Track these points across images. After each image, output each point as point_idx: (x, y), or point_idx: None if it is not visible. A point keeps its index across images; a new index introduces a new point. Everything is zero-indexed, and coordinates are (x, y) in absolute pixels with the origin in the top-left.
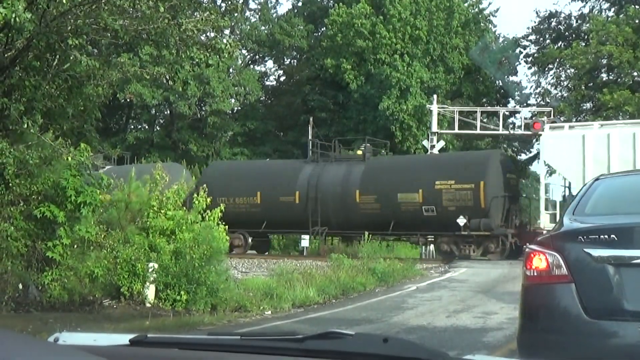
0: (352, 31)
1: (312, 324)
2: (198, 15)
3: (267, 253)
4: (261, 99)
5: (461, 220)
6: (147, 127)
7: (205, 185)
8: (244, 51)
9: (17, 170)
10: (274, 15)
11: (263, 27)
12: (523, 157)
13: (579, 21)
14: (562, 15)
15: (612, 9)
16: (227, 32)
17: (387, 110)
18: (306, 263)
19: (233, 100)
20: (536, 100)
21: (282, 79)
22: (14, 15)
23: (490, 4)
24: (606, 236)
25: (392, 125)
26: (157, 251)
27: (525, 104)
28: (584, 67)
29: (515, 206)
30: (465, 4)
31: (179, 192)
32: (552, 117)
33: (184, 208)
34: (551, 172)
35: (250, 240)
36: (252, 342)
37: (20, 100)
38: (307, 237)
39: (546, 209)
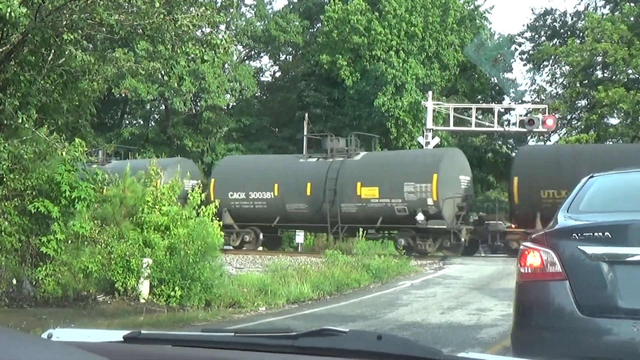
0: (347, 27)
1: (306, 320)
2: (194, 11)
3: None
4: (256, 94)
5: None
6: (142, 122)
7: (519, 176)
8: (239, 47)
9: (12, 165)
10: (270, 11)
11: (258, 23)
12: None
13: (574, 18)
14: (558, 12)
15: (608, 7)
16: (222, 27)
17: (382, 106)
18: (301, 259)
19: (228, 96)
20: (531, 97)
21: (277, 75)
22: (9, 10)
23: (485, 0)
24: (600, 233)
25: (388, 121)
26: (151, 247)
27: (520, 101)
28: (579, 64)
29: None
30: (461, 1)
31: (173, 188)
32: (546, 114)
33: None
34: None
35: None
36: (246, 338)
37: (15, 95)
38: (301, 233)
39: None
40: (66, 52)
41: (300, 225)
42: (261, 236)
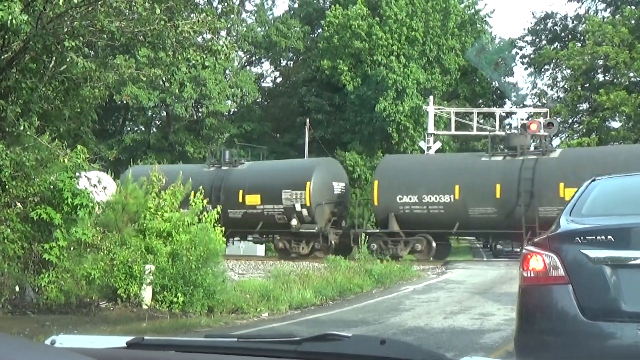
0: (348, 33)
1: (309, 325)
2: (194, 17)
3: None
4: (257, 100)
5: None
6: (143, 129)
7: None
8: (240, 53)
9: (14, 172)
10: (270, 16)
11: (259, 29)
12: None
13: (575, 22)
14: (558, 16)
15: (608, 10)
16: (223, 33)
17: (383, 111)
18: (303, 265)
19: (229, 102)
20: (532, 101)
21: (278, 80)
22: (10, 17)
23: (486, 5)
24: (603, 237)
25: (389, 126)
26: (153, 253)
27: (521, 105)
28: (580, 67)
29: None
30: (461, 5)
31: (175, 194)
32: (548, 117)
33: None
34: None
35: None
36: (249, 344)
37: (16, 102)
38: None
39: None
40: (67, 59)
41: (486, 232)
42: (434, 244)
